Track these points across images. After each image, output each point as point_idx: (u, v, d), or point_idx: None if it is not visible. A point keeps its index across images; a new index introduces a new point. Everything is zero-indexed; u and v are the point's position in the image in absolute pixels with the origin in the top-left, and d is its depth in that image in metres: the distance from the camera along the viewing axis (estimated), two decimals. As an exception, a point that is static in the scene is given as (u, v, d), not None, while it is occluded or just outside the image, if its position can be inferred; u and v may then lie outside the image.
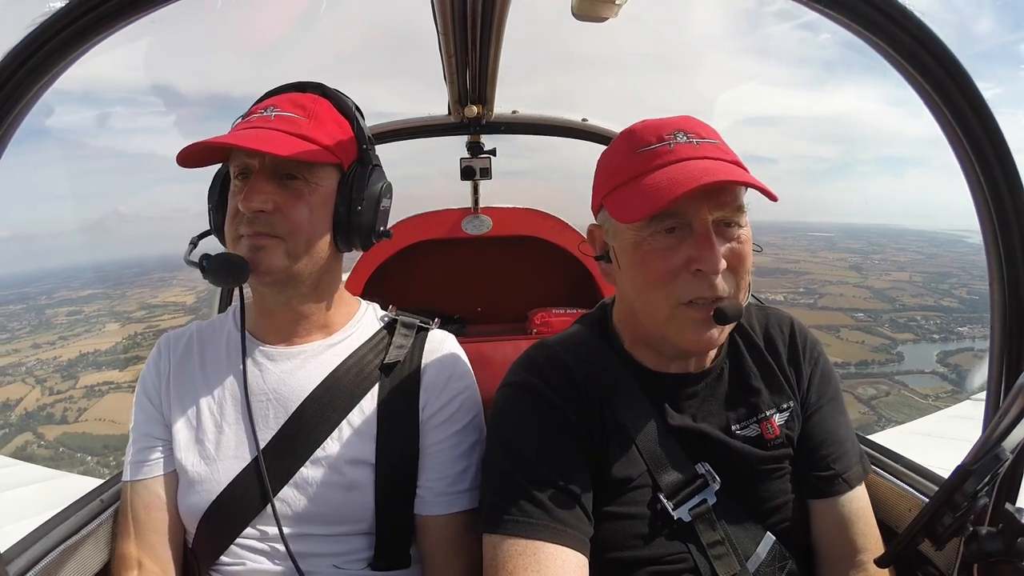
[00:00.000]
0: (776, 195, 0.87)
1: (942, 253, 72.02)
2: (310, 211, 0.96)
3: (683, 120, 0.93)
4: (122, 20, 0.69)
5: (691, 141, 0.89)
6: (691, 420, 0.97)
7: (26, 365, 53.00)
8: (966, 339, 50.30)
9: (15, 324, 62.15)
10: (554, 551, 0.82)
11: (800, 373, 1.04)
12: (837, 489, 0.98)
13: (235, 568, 0.99)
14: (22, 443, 42.77)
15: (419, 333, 1.11)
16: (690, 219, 0.86)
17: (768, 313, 1.09)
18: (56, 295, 70.72)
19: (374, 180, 1.02)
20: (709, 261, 0.85)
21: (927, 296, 58.63)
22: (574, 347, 1.02)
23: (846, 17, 0.77)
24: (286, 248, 0.95)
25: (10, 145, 0.72)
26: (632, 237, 0.90)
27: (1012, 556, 0.78)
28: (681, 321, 0.89)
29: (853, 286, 61.58)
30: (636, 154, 0.91)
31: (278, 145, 0.91)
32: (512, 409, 0.96)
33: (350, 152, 1.01)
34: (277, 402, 1.02)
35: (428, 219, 2.46)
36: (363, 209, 1.00)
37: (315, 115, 0.97)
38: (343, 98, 1.03)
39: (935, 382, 44.89)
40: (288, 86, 1.04)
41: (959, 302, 56.68)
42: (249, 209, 0.93)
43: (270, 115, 0.96)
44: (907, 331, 52.49)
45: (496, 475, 0.92)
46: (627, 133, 0.96)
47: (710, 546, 0.91)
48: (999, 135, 0.80)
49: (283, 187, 0.95)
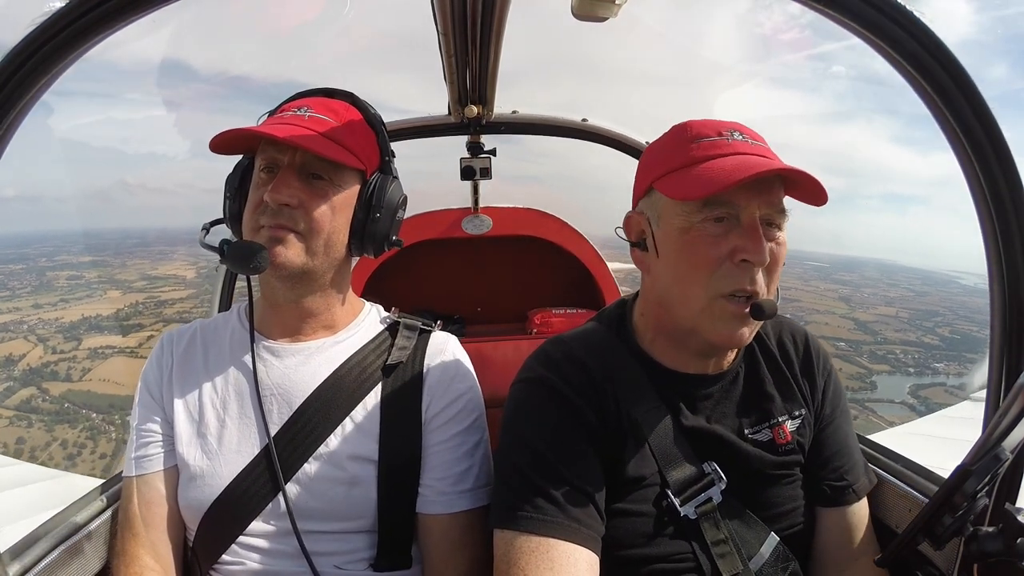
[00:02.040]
0: (827, 194, 0.88)
1: (933, 292, 73.66)
2: (332, 212, 0.98)
3: (737, 123, 0.95)
4: (122, 20, 0.69)
5: (746, 140, 0.92)
6: (705, 421, 0.97)
7: (28, 323, 53.79)
8: (940, 375, 53.06)
9: (16, 283, 62.92)
10: (567, 549, 0.82)
11: (814, 384, 1.05)
12: (847, 499, 1.00)
13: (236, 567, 0.99)
14: (27, 396, 43.33)
15: (421, 335, 1.12)
16: (739, 211, 0.88)
17: (782, 323, 1.10)
18: (57, 258, 71.50)
19: (394, 191, 1.05)
20: (756, 252, 0.86)
21: (910, 332, 61.21)
22: (590, 343, 1.02)
23: (846, 17, 0.77)
24: (305, 244, 0.97)
25: (9, 146, 0.72)
26: (681, 222, 0.90)
27: (1012, 556, 0.78)
28: (716, 314, 0.89)
29: (839, 316, 64.25)
30: (694, 143, 0.92)
31: (314, 143, 0.94)
32: (528, 404, 0.95)
33: (373, 161, 1.05)
34: (281, 397, 1.03)
35: (428, 219, 2.46)
36: (381, 217, 1.03)
37: (347, 121, 1.01)
38: (370, 109, 1.06)
39: (902, 411, 47.25)
40: (319, 90, 1.07)
41: (940, 340, 59.36)
42: (275, 201, 0.95)
43: (304, 115, 0.99)
44: (884, 363, 55.32)
45: (510, 470, 0.91)
46: (681, 127, 0.96)
47: (714, 544, 0.91)
48: (999, 135, 0.80)
49: (309, 185, 0.97)
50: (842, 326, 61.81)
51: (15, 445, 36.82)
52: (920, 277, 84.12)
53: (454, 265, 2.61)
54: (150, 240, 75.37)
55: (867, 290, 75.00)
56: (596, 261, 2.51)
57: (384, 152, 1.06)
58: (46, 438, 38.46)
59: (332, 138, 0.97)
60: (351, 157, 0.99)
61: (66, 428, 38.98)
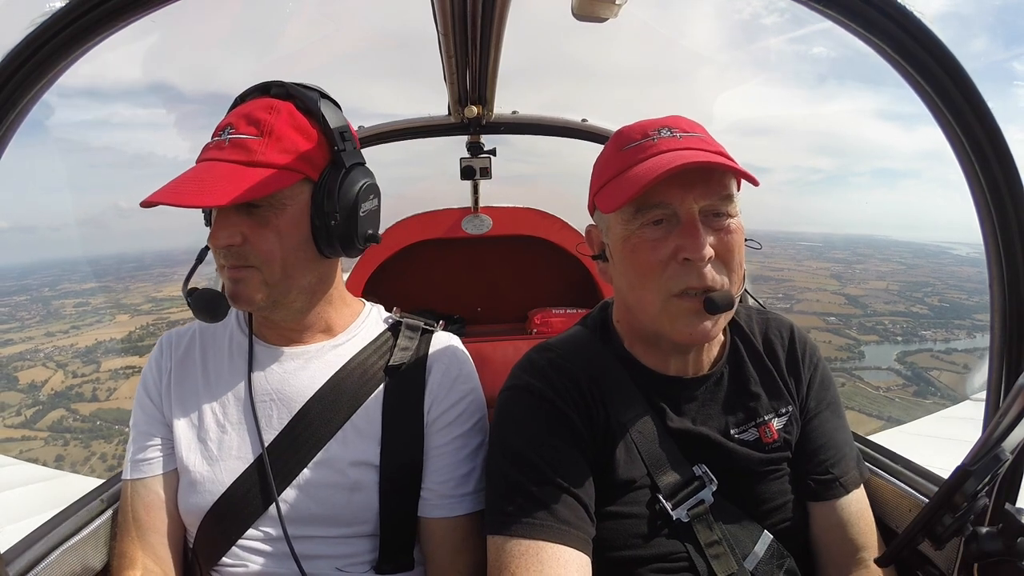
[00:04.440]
0: (757, 179, 0.88)
1: (924, 264, 74.70)
2: (279, 237, 0.92)
3: (670, 118, 0.95)
4: (122, 20, 0.69)
5: (674, 135, 0.91)
6: (691, 423, 0.97)
7: (43, 351, 55.06)
8: (928, 342, 54.75)
9: (24, 313, 64.64)
10: (557, 551, 0.83)
11: (799, 379, 1.04)
12: (835, 493, 0.99)
13: (237, 569, 0.98)
14: (58, 417, 44.67)
15: (424, 335, 1.11)
16: (676, 209, 0.87)
17: (768, 318, 1.10)
18: (59, 287, 73.11)
19: (348, 185, 0.95)
20: (694, 248, 0.85)
21: (899, 303, 62.54)
22: (575, 349, 1.02)
23: (845, 17, 0.77)
24: (262, 277, 0.93)
25: (10, 145, 0.72)
26: (621, 231, 0.92)
27: (1012, 556, 0.78)
28: (673, 313, 0.89)
29: (831, 293, 65.25)
30: (622, 151, 0.93)
31: (217, 191, 0.86)
32: (515, 412, 0.96)
33: (319, 159, 0.95)
34: (280, 402, 1.02)
35: (428, 219, 2.46)
36: (339, 221, 0.95)
37: (271, 130, 0.91)
38: (309, 96, 0.95)
39: (889, 377, 49.71)
40: (252, 89, 0.98)
41: (929, 309, 60.51)
42: (217, 246, 0.92)
43: (225, 139, 0.91)
44: (873, 333, 56.67)
45: (499, 477, 0.92)
46: (616, 134, 0.98)
47: (707, 546, 0.91)
48: (999, 135, 0.80)
49: (249, 216, 0.92)
50: (833, 302, 62.75)
51: (54, 463, 37.93)
52: (912, 250, 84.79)
53: (454, 265, 2.61)
54: (148, 263, 76.15)
55: (859, 266, 75.70)
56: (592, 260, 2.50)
57: (333, 142, 0.95)
58: (84, 453, 39.67)
59: (253, 162, 0.89)
60: (278, 177, 0.89)
61: (102, 443, 40.00)
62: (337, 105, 0.99)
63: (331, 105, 0.98)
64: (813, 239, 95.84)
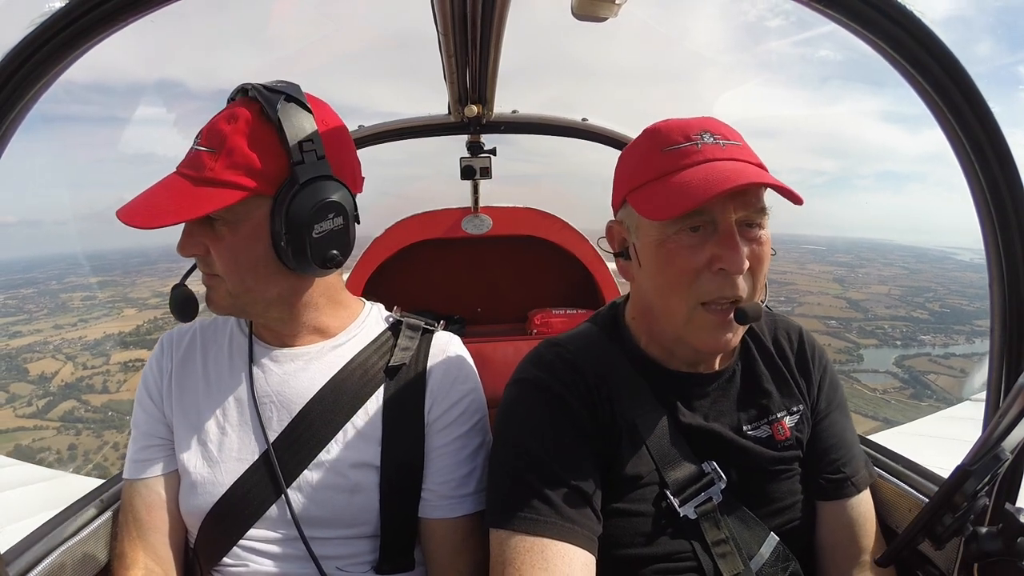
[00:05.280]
0: (801, 198, 0.86)
1: (927, 269, 75.13)
2: (234, 253, 0.91)
3: (707, 121, 0.93)
4: (122, 20, 0.69)
5: (717, 142, 0.89)
6: (703, 419, 0.97)
7: (52, 343, 55.97)
8: (927, 346, 55.66)
9: (32, 306, 65.54)
10: (562, 549, 0.82)
11: (810, 380, 1.05)
12: (846, 492, 0.99)
13: (238, 569, 0.98)
14: (69, 408, 45.54)
15: (424, 335, 1.10)
16: (715, 218, 0.86)
17: (777, 320, 1.10)
18: (66, 280, 74.28)
19: (298, 204, 0.88)
20: (733, 260, 0.85)
21: (900, 308, 63.36)
22: (584, 345, 1.02)
23: (846, 17, 0.77)
24: (227, 287, 0.94)
25: (11, 144, 0.72)
26: (656, 235, 0.90)
27: (1012, 556, 0.78)
28: (700, 323, 0.89)
29: (832, 297, 66.17)
30: (663, 152, 0.90)
31: (166, 210, 0.85)
32: (522, 405, 0.95)
33: (274, 173, 0.89)
34: (280, 404, 1.02)
35: (428, 219, 2.46)
36: (290, 239, 0.89)
37: (223, 144, 0.88)
38: (271, 102, 0.88)
39: (886, 380, 50.90)
40: (236, 91, 0.95)
41: (930, 314, 61.37)
42: (182, 256, 0.94)
43: (192, 150, 0.91)
44: (872, 337, 57.78)
45: (505, 471, 0.91)
46: (651, 131, 0.95)
47: (714, 544, 0.91)
48: (999, 135, 0.80)
49: (211, 229, 0.91)
50: (835, 305, 63.51)
51: (67, 451, 38.90)
52: (915, 255, 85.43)
53: (454, 265, 2.61)
54: (154, 258, 77.01)
55: (862, 270, 76.35)
56: (596, 261, 2.51)
57: (291, 155, 0.88)
58: (97, 443, 40.33)
59: (204, 179, 0.87)
60: (223, 195, 0.86)
61: (115, 433, 40.52)
62: (307, 108, 0.91)
63: (298, 109, 0.90)
64: (817, 242, 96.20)
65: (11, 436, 41.55)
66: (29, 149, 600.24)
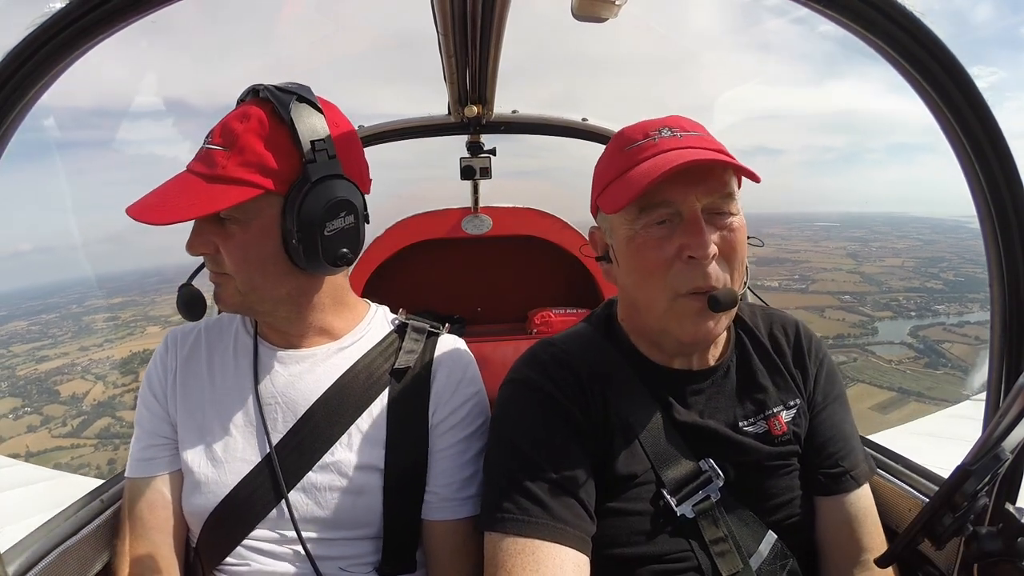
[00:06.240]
0: (759, 176, 0.89)
1: (941, 239, 74.87)
2: (244, 251, 0.92)
3: (670, 118, 0.95)
4: (122, 20, 0.68)
5: (675, 135, 0.92)
6: (698, 416, 0.97)
7: (80, 365, 57.49)
8: (941, 315, 55.62)
9: (56, 330, 67.16)
10: (553, 550, 0.82)
11: (806, 373, 1.04)
12: (845, 486, 0.98)
13: (240, 569, 0.98)
14: (105, 425, 46.85)
15: (429, 338, 1.10)
16: (679, 208, 0.88)
17: (772, 315, 1.10)
18: (87, 303, 76.07)
19: (310, 203, 0.89)
20: (698, 245, 0.86)
21: (914, 279, 63.45)
22: (579, 344, 1.02)
23: (845, 17, 0.77)
24: (235, 285, 0.94)
25: (11, 145, 0.72)
26: (625, 231, 0.92)
27: (1012, 556, 0.78)
28: (679, 313, 0.90)
29: (847, 272, 66.16)
30: (623, 152, 0.94)
31: (178, 207, 0.86)
32: (515, 405, 0.96)
33: (287, 171, 0.90)
34: (286, 406, 1.01)
35: (428, 219, 2.46)
36: (301, 237, 0.90)
37: (236, 142, 0.88)
38: (283, 102, 0.89)
39: (901, 351, 51.03)
40: (247, 91, 0.95)
41: (944, 284, 61.21)
42: (190, 254, 0.94)
43: (203, 149, 0.91)
44: (887, 310, 57.83)
45: (498, 472, 0.92)
46: (617, 135, 0.98)
47: (713, 543, 0.91)
48: (998, 133, 0.80)
49: (222, 228, 0.92)
50: (849, 280, 63.42)
51: (107, 465, 39.30)
52: (929, 226, 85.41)
53: (454, 265, 2.61)
54: (170, 276, 78.15)
55: (876, 244, 76.43)
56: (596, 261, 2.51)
57: (303, 155, 0.89)
58: None
59: (216, 176, 0.88)
60: (235, 192, 0.87)
61: None
62: (319, 109, 0.92)
63: (310, 110, 0.91)
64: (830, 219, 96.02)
65: (48, 456, 42.16)
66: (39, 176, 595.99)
